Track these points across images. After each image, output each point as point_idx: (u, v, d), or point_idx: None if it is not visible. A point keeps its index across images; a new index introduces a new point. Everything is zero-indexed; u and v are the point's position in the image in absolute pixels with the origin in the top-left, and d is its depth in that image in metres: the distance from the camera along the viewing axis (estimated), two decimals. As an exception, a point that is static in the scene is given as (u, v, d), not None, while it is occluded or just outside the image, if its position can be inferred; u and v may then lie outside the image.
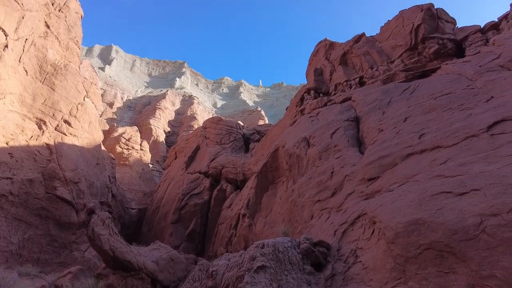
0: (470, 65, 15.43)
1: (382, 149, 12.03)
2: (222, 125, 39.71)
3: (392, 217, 8.07)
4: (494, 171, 7.67)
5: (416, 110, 13.31)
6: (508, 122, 9.30)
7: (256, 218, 22.29)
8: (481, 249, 6.24)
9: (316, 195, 13.99)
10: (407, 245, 7.22)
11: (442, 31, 20.47)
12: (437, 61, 19.40)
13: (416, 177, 9.27)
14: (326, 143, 16.46)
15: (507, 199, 6.65)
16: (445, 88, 14.08)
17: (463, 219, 6.78)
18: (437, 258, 6.73)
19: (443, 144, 9.88)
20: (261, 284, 7.96)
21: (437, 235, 6.85)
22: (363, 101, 18.28)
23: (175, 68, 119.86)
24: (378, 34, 24.72)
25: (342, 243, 10.18)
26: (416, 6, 21.82)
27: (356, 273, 8.56)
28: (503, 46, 15.40)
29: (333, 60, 26.41)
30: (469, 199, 7.24)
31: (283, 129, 28.84)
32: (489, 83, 12.44)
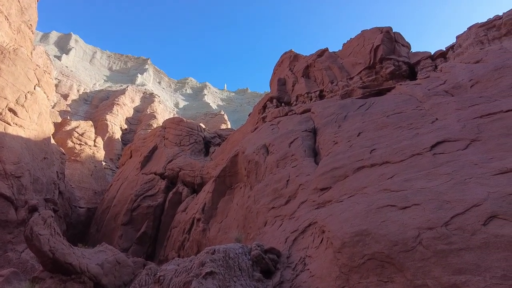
0: (420, 88, 16.60)
1: (336, 161, 12.50)
2: (183, 126, 38.99)
3: (340, 227, 8.39)
4: (433, 187, 8.28)
5: (369, 126, 14.02)
6: (448, 143, 10.11)
7: (211, 223, 22.05)
8: (416, 260, 6.68)
9: (271, 202, 14.16)
10: (352, 255, 7.53)
11: (398, 54, 21.86)
12: (392, 81, 20.64)
13: (365, 190, 9.73)
14: (284, 151, 16.77)
15: (442, 214, 7.20)
16: (397, 107, 15.01)
17: (404, 232, 7.22)
18: (379, 268, 7.09)
19: (391, 160, 10.49)
20: (209, 290, 7.87)
21: (380, 246, 7.23)
22: (321, 113, 18.91)
23: (138, 64, 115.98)
24: (340, 51, 25.81)
25: (293, 250, 10.38)
26: (377, 28, 23.13)
27: (303, 280, 8.75)
28: (449, 74, 16.76)
29: (297, 72, 27.12)
30: (410, 213, 7.73)
31: (245, 135, 28.97)
32: (435, 106, 13.46)
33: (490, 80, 13.88)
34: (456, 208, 7.25)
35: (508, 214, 6.68)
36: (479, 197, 7.30)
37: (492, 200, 7.09)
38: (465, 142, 9.98)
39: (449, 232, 6.80)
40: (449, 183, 8.25)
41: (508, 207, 6.81)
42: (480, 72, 14.82)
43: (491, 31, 18.61)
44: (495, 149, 9.21)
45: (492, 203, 6.99)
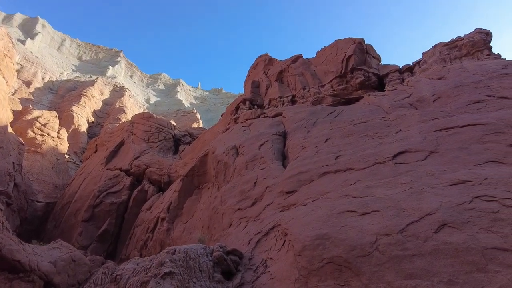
0: (387, 99, 17.27)
1: (303, 165, 12.70)
2: (152, 122, 38.07)
3: (302, 230, 8.52)
4: (392, 195, 8.62)
5: (337, 133, 14.39)
6: (409, 154, 10.58)
7: (176, 223, 21.66)
8: (372, 265, 6.91)
9: (237, 204, 14.14)
10: (312, 258, 7.66)
11: (368, 65, 22.63)
12: (361, 91, 21.32)
13: (328, 195, 9.95)
14: (254, 153, 16.82)
15: (399, 221, 7.51)
16: (364, 117, 15.51)
17: (362, 237, 7.45)
18: (336, 271, 7.26)
19: (355, 167, 10.81)
20: (167, 291, 7.71)
21: (338, 250, 7.41)
22: (292, 118, 19.18)
23: (110, 56, 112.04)
24: (314, 58, 26.34)
25: (255, 252, 10.41)
26: (350, 38, 23.83)
27: (264, 283, 8.79)
28: (414, 88, 17.57)
29: (271, 76, 27.37)
30: (369, 219, 8.00)
31: (216, 135, 28.77)
32: (399, 117, 14.04)
33: (450, 96, 14.70)
34: (412, 216, 7.59)
35: (456, 222, 7.08)
36: (433, 206, 7.68)
37: (444, 209, 7.49)
38: (424, 153, 10.49)
39: (404, 239, 7.10)
40: (407, 192, 8.62)
41: (457, 216, 7.22)
42: (442, 88, 15.65)
43: (453, 51, 19.75)
44: (450, 161, 9.75)
45: (443, 212, 7.38)
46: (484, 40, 19.29)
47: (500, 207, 7.30)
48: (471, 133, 10.76)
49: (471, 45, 19.27)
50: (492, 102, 12.80)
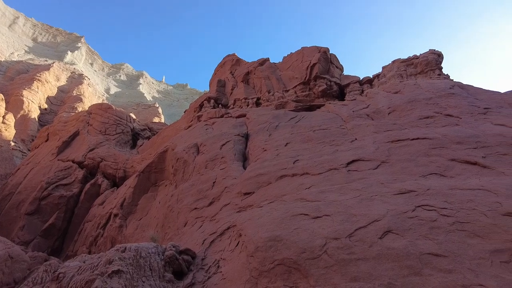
0: (346, 109, 18.00)
1: (262, 167, 12.87)
2: (111, 114, 36.49)
3: (256, 231, 8.63)
4: (343, 201, 9.01)
5: (297, 138, 14.74)
6: (362, 162, 11.12)
7: (129, 220, 20.94)
8: (320, 267, 7.17)
9: (194, 203, 13.98)
10: (264, 259, 7.79)
11: (331, 74, 23.44)
12: (323, 99, 22.02)
13: (284, 197, 10.17)
14: (214, 153, 16.74)
15: (347, 226, 7.86)
16: (324, 124, 16.05)
17: (313, 240, 7.71)
18: (286, 273, 7.44)
19: (311, 172, 11.15)
20: (113, 290, 7.43)
21: (289, 252, 7.60)
22: (255, 120, 19.35)
23: (70, 41, 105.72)
24: (280, 63, 26.79)
25: (208, 252, 10.36)
26: (316, 47, 24.52)
27: (215, 283, 8.78)
28: (372, 99, 18.48)
29: (237, 76, 27.40)
30: (320, 222, 8.29)
31: (177, 131, 28.23)
32: (356, 127, 14.70)
33: (404, 110, 15.65)
34: (360, 222, 7.98)
35: (400, 229, 7.56)
36: (380, 213, 8.14)
37: (389, 216, 7.96)
38: (376, 162, 11.07)
39: (351, 243, 7.45)
40: (358, 198, 9.06)
41: (401, 224, 7.72)
42: (397, 102, 16.62)
43: (410, 68, 21.07)
44: (399, 171, 10.39)
45: (389, 219, 7.85)
46: (436, 60, 20.78)
47: (438, 216, 7.91)
48: (419, 146, 11.54)
49: (425, 64, 20.67)
50: (439, 119, 13.83)
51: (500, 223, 7.51)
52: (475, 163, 10.11)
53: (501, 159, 10.22)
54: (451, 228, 7.61)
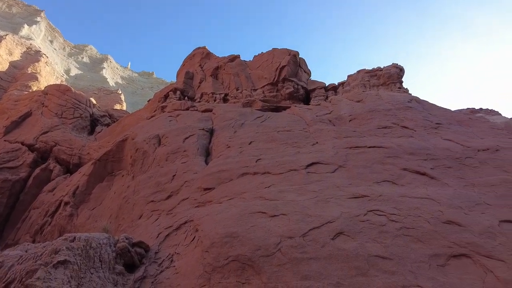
0: (310, 113, 18.47)
1: (225, 163, 12.85)
2: (69, 97, 34.50)
3: (213, 227, 8.62)
4: (300, 201, 9.26)
5: (261, 137, 14.89)
6: (321, 165, 11.48)
7: (81, 209, 19.97)
8: (274, 265, 7.32)
9: (151, 195, 13.64)
10: (218, 255, 7.80)
11: (299, 78, 23.93)
12: (289, 101, 22.42)
13: (243, 195, 10.24)
14: (177, 146, 16.44)
15: (302, 225, 8.10)
16: (288, 126, 16.35)
17: (268, 238, 7.85)
18: (239, 269, 7.51)
19: (272, 171, 11.33)
20: (57, 281, 7.06)
21: (244, 249, 7.68)
22: (222, 116, 19.27)
23: (27, 14, 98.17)
24: (250, 61, 26.86)
25: (163, 246, 10.17)
26: (286, 49, 24.89)
27: (167, 277, 8.65)
28: (335, 106, 19.13)
29: (206, 70, 27.08)
30: (277, 221, 8.46)
31: (139, 120, 27.33)
32: (318, 131, 15.13)
33: (364, 119, 16.36)
34: (315, 222, 8.25)
35: (351, 231, 7.92)
36: (334, 215, 8.47)
37: (342, 219, 8.31)
38: (334, 166, 11.49)
39: (305, 243, 7.68)
40: (314, 200, 9.36)
41: (353, 226, 8.09)
42: (358, 111, 17.33)
43: (373, 79, 22.07)
44: (355, 176, 10.86)
45: (342, 221, 8.19)
46: (398, 74, 21.95)
47: (387, 221, 8.39)
48: (375, 154, 12.13)
49: (388, 77, 21.75)
50: (396, 130, 14.62)
51: (440, 230, 8.12)
52: (424, 174, 10.83)
53: (446, 172, 11.04)
54: (398, 233, 8.10)
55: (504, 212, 8.99)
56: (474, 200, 9.57)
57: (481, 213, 8.98)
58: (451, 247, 7.72)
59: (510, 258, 7.41)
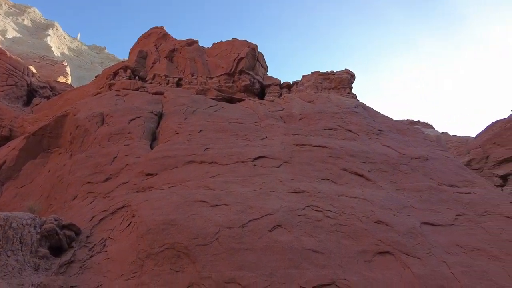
0: (264, 108, 18.65)
1: (171, 150, 12.51)
2: (3, 61, 30.99)
3: (151, 213, 8.36)
4: (244, 193, 9.34)
5: (212, 126, 14.73)
6: (267, 159, 11.69)
7: (7, 186, 18.18)
8: (210, 254, 7.31)
9: (88, 176, 12.84)
10: (154, 242, 7.60)
11: (256, 72, 24.00)
12: (244, 93, 22.41)
13: (187, 183, 10.07)
14: (121, 127, 15.62)
15: (242, 216, 8.18)
16: (240, 118, 16.35)
17: (207, 227, 7.81)
18: (174, 257, 7.39)
19: (219, 161, 11.28)
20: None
21: (181, 237, 7.57)
22: (173, 101, 18.69)
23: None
24: (209, 48, 26.34)
25: (96, 230, 9.66)
26: (246, 42, 24.79)
27: (97, 262, 8.24)
28: (288, 104, 19.53)
29: (161, 51, 26.01)
30: (218, 211, 8.45)
31: (83, 96, 25.47)
32: (268, 126, 15.35)
33: (313, 119, 16.91)
34: (255, 214, 8.38)
35: (288, 225, 8.18)
36: (274, 208, 8.67)
37: (281, 212, 8.55)
38: (280, 161, 11.75)
39: (243, 233, 7.77)
40: (257, 192, 9.49)
41: (290, 220, 8.35)
42: (308, 111, 17.87)
43: (326, 82, 22.90)
44: (298, 172, 11.20)
45: (280, 214, 8.42)
46: (349, 80, 23.01)
47: (323, 217, 8.80)
48: (319, 153, 12.62)
49: (339, 81, 22.70)
50: (341, 132, 15.34)
51: (370, 228, 8.70)
52: (362, 175, 11.52)
53: (382, 175, 11.85)
54: (331, 228, 8.53)
55: (426, 215, 9.91)
56: (403, 203, 10.40)
57: (407, 215, 9.79)
58: (378, 245, 8.32)
59: (425, 256, 8.19)
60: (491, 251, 8.96)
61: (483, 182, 13.90)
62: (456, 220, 10.14)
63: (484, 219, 10.49)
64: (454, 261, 8.29)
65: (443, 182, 12.23)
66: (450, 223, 9.93)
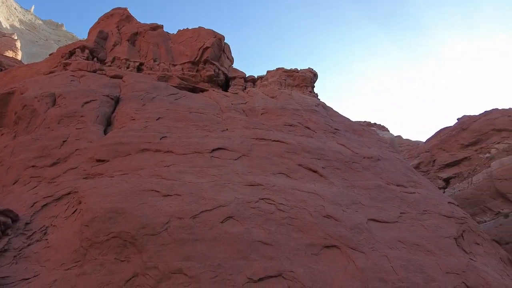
0: (227, 100, 18.52)
1: (125, 136, 12.04)
2: None
3: (98, 201, 8.01)
4: (198, 184, 9.23)
5: (171, 115, 14.37)
6: (226, 151, 11.65)
7: None
8: (158, 244, 7.16)
9: (33, 160, 12.00)
10: (99, 230, 7.29)
11: (221, 63, 23.71)
12: (208, 84, 22.07)
13: (140, 171, 9.76)
14: (74, 109, 14.75)
15: (194, 207, 8.09)
16: (202, 108, 16.10)
17: (156, 217, 7.63)
18: (120, 246, 7.15)
19: (175, 151, 11.04)
20: None
21: (129, 226, 7.33)
22: (132, 86, 17.96)
23: None
24: (174, 35, 25.54)
25: (37, 217, 9.07)
26: (213, 31, 24.35)
27: (36, 251, 7.76)
28: (251, 98, 19.57)
29: (123, 34, 24.78)
30: (170, 201, 8.29)
31: (35, 74, 23.65)
32: (230, 118, 15.28)
33: (275, 115, 17.08)
34: (208, 205, 8.32)
35: (241, 217, 8.22)
36: (227, 200, 8.67)
37: (235, 204, 8.57)
38: (238, 154, 11.76)
39: (194, 224, 7.70)
40: (212, 183, 9.43)
41: (243, 212, 8.40)
42: (271, 106, 18.03)
43: (289, 79, 23.20)
44: (255, 166, 11.28)
45: (233, 206, 8.44)
46: (312, 79, 23.49)
47: (275, 209, 8.95)
48: (277, 147, 12.80)
49: (302, 80, 23.09)
50: (300, 129, 15.64)
51: (319, 223, 9.00)
52: (316, 171, 11.85)
53: (335, 172, 12.28)
54: (283, 221, 8.70)
55: (373, 212, 10.44)
56: (352, 199, 10.86)
57: (355, 211, 10.24)
58: (326, 239, 8.63)
59: (369, 251, 8.63)
60: (428, 246, 9.67)
61: (427, 184, 14.92)
62: (400, 218, 10.79)
63: (424, 217, 11.28)
64: (395, 255, 8.84)
65: (391, 181, 12.94)
66: (394, 220, 10.56)
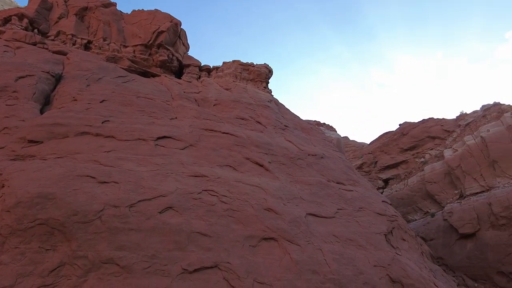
0: (179, 88, 18.03)
1: (64, 117, 11.20)
2: None
3: (25, 185, 7.38)
4: (139, 172, 8.91)
5: (117, 98, 13.65)
6: (172, 140, 11.37)
7: None
8: (89, 233, 6.81)
9: (-49, 136, 10.73)
10: (23, 216, 6.74)
11: (176, 49, 22.99)
12: (160, 69, 21.31)
13: (76, 155, 9.17)
14: (5, 83, 13.34)
15: (132, 196, 7.81)
16: (151, 94, 15.51)
17: (90, 204, 7.24)
18: (47, 235, 6.69)
19: (117, 136, 10.53)
20: None
21: (58, 213, 6.87)
22: (77, 64, 16.73)
23: None
24: (127, 14, 24.16)
25: (-49, 199, 8.15)
26: (169, 15, 23.47)
27: None
28: (205, 87, 19.26)
29: (71, 7, 22.89)
30: (106, 188, 7.90)
31: (-40, 40, 21.05)
32: (180, 107, 14.91)
33: (227, 107, 17.01)
34: (147, 194, 8.08)
35: (181, 208, 8.11)
36: (169, 190, 8.49)
37: (176, 194, 8.42)
38: (185, 144, 11.54)
39: (130, 213, 7.43)
40: (154, 172, 9.16)
41: (184, 203, 8.29)
42: (224, 98, 17.92)
43: (245, 72, 23.20)
44: (201, 157, 11.16)
45: (174, 197, 8.29)
46: (267, 75, 23.72)
47: (217, 201, 8.95)
48: (226, 140, 12.77)
49: (257, 74, 23.22)
50: (251, 123, 15.76)
51: (260, 215, 9.18)
52: (262, 165, 12.04)
53: (280, 167, 12.58)
54: (224, 213, 8.74)
55: (312, 207, 10.88)
56: (294, 194, 11.22)
57: (295, 205, 10.60)
58: (265, 231, 8.83)
59: (305, 244, 9.00)
60: (360, 241, 10.33)
61: (365, 183, 15.88)
62: (337, 213, 11.38)
63: (359, 214, 12.01)
64: (329, 249, 9.31)
65: (332, 179, 13.58)
66: (332, 216, 11.11)
